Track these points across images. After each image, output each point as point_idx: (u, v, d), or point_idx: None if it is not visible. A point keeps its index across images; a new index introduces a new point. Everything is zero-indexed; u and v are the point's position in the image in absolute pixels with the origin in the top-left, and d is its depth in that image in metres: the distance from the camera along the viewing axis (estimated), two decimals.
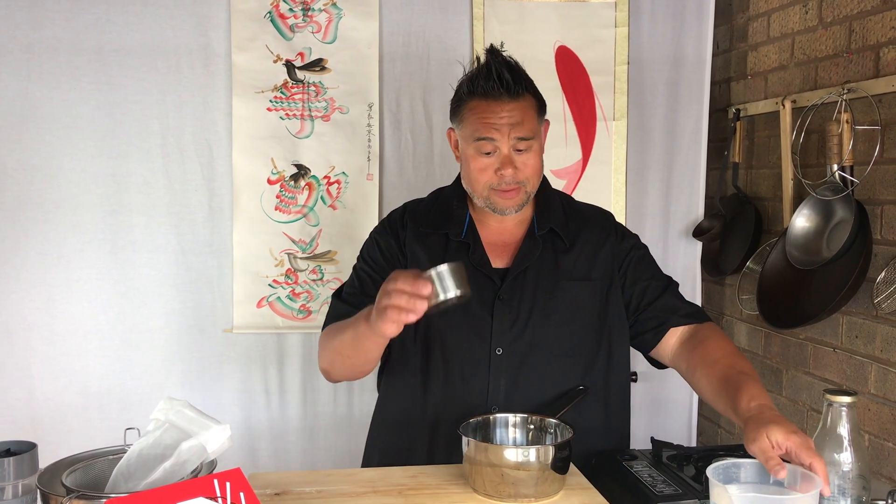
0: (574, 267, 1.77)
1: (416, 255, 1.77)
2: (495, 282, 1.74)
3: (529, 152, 1.69)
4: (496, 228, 1.80)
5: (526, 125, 1.68)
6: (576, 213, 1.85)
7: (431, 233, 1.79)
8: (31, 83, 2.50)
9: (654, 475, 1.70)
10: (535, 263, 1.75)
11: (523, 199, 1.73)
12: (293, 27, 2.61)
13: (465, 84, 1.73)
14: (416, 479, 1.54)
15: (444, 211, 1.81)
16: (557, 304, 1.75)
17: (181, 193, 2.61)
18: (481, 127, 1.67)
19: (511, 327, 1.73)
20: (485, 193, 1.72)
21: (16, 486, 1.25)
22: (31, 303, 2.55)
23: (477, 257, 1.75)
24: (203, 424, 1.26)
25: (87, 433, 2.54)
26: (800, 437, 1.29)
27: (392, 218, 1.86)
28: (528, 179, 1.71)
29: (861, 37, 2.20)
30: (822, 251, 2.24)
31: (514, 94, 1.68)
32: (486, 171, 1.69)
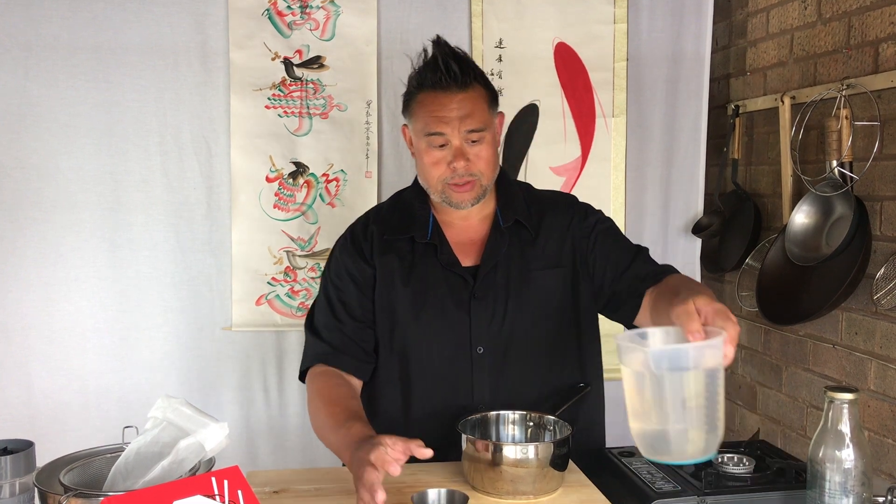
0: (543, 255, 1.75)
1: (387, 264, 1.74)
2: (468, 280, 1.72)
3: (482, 144, 1.67)
4: (461, 227, 1.77)
5: (476, 117, 1.66)
6: (538, 201, 1.82)
7: (397, 238, 1.76)
8: (28, 81, 2.50)
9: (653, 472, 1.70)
10: (504, 257, 1.74)
11: (479, 192, 1.70)
12: (291, 25, 2.60)
13: (414, 78, 1.70)
14: (415, 476, 1.53)
15: (407, 214, 1.79)
16: (531, 295, 1.73)
17: (179, 191, 2.60)
18: (431, 121, 1.65)
19: (489, 324, 1.71)
20: (439, 188, 1.69)
21: (13, 484, 1.25)
22: (30, 301, 2.54)
23: (445, 258, 1.73)
24: (201, 422, 1.26)
25: (86, 431, 2.54)
26: (720, 306, 1.24)
27: (355, 232, 1.81)
28: (482, 172, 1.68)
29: (860, 32, 2.20)
30: (821, 247, 2.24)
31: (462, 84, 1.65)
32: (438, 164, 1.67)
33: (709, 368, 1.16)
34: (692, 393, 1.15)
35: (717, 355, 1.16)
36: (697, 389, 1.15)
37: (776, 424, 2.59)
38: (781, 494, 1.59)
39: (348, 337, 1.74)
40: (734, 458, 1.72)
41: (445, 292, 1.72)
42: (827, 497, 1.35)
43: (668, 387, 1.15)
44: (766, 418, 2.64)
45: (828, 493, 1.35)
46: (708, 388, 1.16)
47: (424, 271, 1.73)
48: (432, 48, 1.69)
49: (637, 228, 2.83)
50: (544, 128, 2.74)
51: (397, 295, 1.73)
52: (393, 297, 1.74)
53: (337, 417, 1.59)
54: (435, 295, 1.72)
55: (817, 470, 1.36)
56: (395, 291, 1.74)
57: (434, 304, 1.72)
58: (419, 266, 1.74)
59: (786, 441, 2.53)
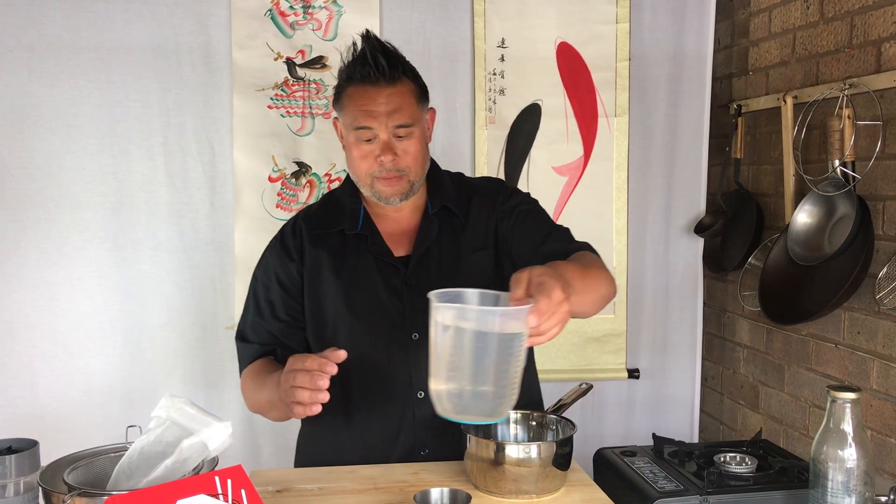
0: (472, 239, 1.75)
1: (317, 258, 1.74)
2: (400, 269, 1.72)
3: (410, 139, 1.66)
4: (394, 218, 1.77)
5: (405, 111, 1.65)
6: (467, 187, 1.82)
7: (327, 233, 1.75)
8: (31, 81, 2.50)
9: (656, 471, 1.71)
10: (435, 244, 1.73)
11: (406, 188, 1.69)
12: (293, 25, 2.60)
13: (343, 71, 1.70)
14: (418, 475, 1.54)
15: (337, 209, 1.78)
16: (464, 279, 1.69)
17: (182, 191, 2.61)
18: (359, 115, 1.64)
19: (424, 310, 1.70)
20: (368, 181, 1.69)
21: (17, 483, 1.25)
22: (33, 301, 2.55)
23: (377, 247, 1.72)
24: (204, 422, 1.26)
25: (90, 431, 2.54)
26: (546, 279, 1.21)
27: (284, 232, 1.80)
28: (409, 167, 1.67)
29: (862, 32, 2.20)
30: (823, 247, 2.24)
31: (391, 79, 1.65)
32: (366, 158, 1.66)
33: (509, 334, 1.19)
34: (490, 355, 1.19)
35: (520, 323, 1.19)
36: (498, 354, 1.19)
37: (778, 424, 2.59)
38: (784, 494, 1.59)
39: (275, 336, 1.74)
40: (737, 458, 1.73)
41: (378, 282, 1.71)
42: (829, 496, 1.35)
43: (467, 346, 1.19)
44: (769, 418, 2.64)
45: (830, 493, 1.35)
46: (506, 352, 1.19)
47: (356, 263, 1.73)
48: (361, 42, 1.68)
49: (639, 228, 2.84)
50: (546, 127, 2.74)
51: (329, 288, 1.72)
52: (323, 291, 1.73)
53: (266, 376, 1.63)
54: (368, 285, 1.71)
55: (820, 469, 1.36)
56: (325, 285, 1.73)
57: (367, 293, 1.71)
58: (350, 258, 1.73)
59: (788, 440, 2.53)
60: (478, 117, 2.71)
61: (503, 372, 1.21)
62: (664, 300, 2.88)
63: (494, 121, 2.72)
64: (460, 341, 1.20)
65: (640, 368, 2.87)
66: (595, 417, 2.86)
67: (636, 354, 2.88)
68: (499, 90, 2.72)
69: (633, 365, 2.86)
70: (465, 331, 1.19)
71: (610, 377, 2.82)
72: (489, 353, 1.19)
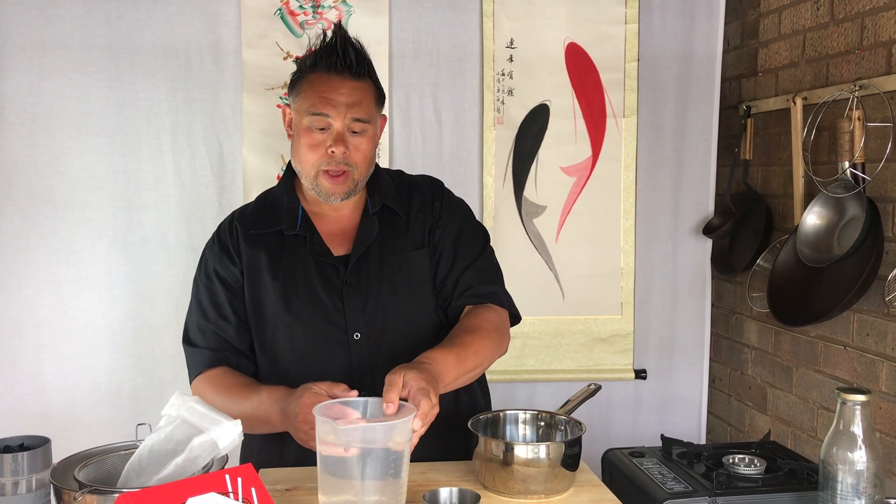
0: (412, 238, 1.75)
1: (254, 259, 1.72)
2: (339, 269, 1.71)
3: (363, 137, 1.66)
4: (333, 217, 1.76)
5: (364, 107, 1.65)
6: (408, 185, 1.81)
7: (264, 233, 1.74)
8: (42, 80, 2.51)
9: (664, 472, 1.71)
10: (376, 243, 1.72)
11: (351, 186, 1.68)
12: (303, 24, 2.61)
13: (308, 57, 1.69)
14: (426, 475, 1.54)
15: (274, 208, 1.77)
16: (404, 279, 1.72)
17: (191, 190, 2.61)
18: (318, 101, 1.63)
19: (363, 309, 1.69)
20: (312, 174, 1.67)
21: (29, 480, 1.25)
22: (42, 299, 2.56)
23: (316, 247, 1.71)
24: (214, 420, 1.27)
25: (98, 429, 2.54)
26: (424, 383, 1.37)
27: (221, 232, 1.79)
28: (358, 165, 1.67)
29: (873, 33, 2.19)
30: (833, 248, 2.23)
31: (356, 74, 1.65)
32: (317, 148, 1.65)
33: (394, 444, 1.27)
34: (377, 468, 1.26)
35: (406, 432, 1.29)
36: (384, 465, 1.26)
37: (786, 426, 2.58)
38: (793, 495, 1.59)
39: (225, 340, 1.72)
40: (745, 459, 1.72)
41: (317, 282, 1.70)
42: (839, 499, 1.35)
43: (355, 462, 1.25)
44: (777, 419, 2.63)
45: (840, 495, 1.35)
46: (393, 461, 1.27)
47: (294, 263, 1.71)
48: (332, 32, 1.68)
49: (648, 229, 2.83)
50: (555, 128, 2.74)
51: (267, 289, 1.71)
52: (262, 292, 1.72)
53: (244, 389, 1.62)
54: (306, 285, 1.70)
55: (829, 471, 1.36)
56: (263, 286, 1.71)
57: (306, 293, 1.70)
58: (288, 258, 1.72)
59: (796, 442, 2.53)
60: (486, 118, 2.71)
61: (392, 482, 1.28)
62: (672, 301, 2.88)
63: (503, 121, 2.72)
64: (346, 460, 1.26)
65: (648, 369, 2.87)
66: (602, 418, 2.85)
67: (643, 355, 2.87)
68: (507, 90, 2.72)
69: (640, 366, 2.86)
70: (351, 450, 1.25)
71: (617, 378, 2.82)
72: (376, 467, 1.26)
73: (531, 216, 2.75)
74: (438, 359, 1.50)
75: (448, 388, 1.52)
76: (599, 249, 2.79)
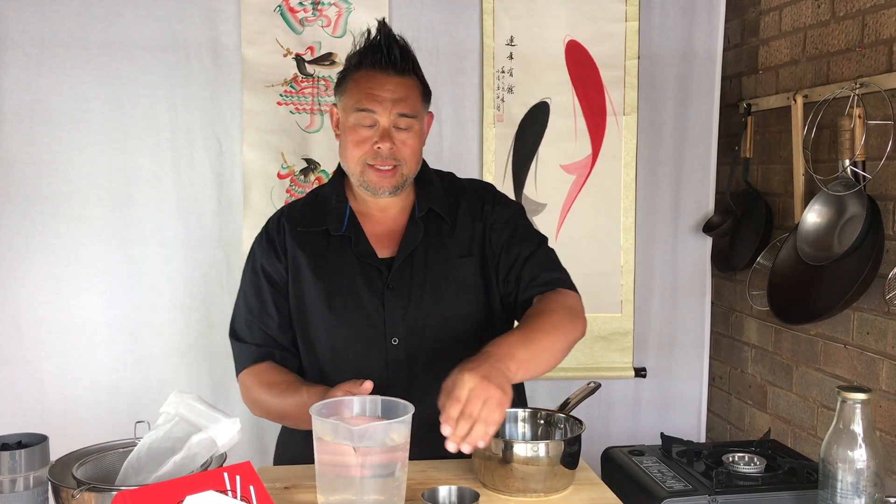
0: (459, 244, 1.73)
1: (299, 257, 1.73)
2: (383, 272, 1.70)
3: (409, 132, 1.66)
4: (380, 218, 1.75)
5: (409, 103, 1.65)
6: (456, 189, 1.80)
7: (310, 231, 1.74)
8: (40, 77, 2.50)
9: (664, 471, 1.70)
10: (421, 247, 1.71)
11: (399, 181, 1.68)
12: (303, 21, 2.60)
13: (354, 56, 1.69)
14: (425, 473, 1.53)
15: (323, 207, 1.76)
16: (448, 286, 1.71)
17: (190, 188, 2.61)
18: (364, 97, 1.64)
19: (404, 315, 1.69)
20: (359, 169, 1.67)
21: (27, 477, 1.25)
22: (41, 297, 2.55)
23: (361, 249, 1.71)
24: (213, 418, 1.26)
25: (97, 426, 2.54)
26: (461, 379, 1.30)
27: (269, 228, 1.79)
28: (405, 160, 1.66)
29: (874, 31, 2.19)
30: (833, 247, 2.23)
31: (400, 70, 1.65)
32: (363, 143, 1.65)
33: (392, 442, 1.27)
34: (376, 466, 1.25)
35: (403, 430, 1.28)
36: (382, 464, 1.26)
37: (787, 424, 2.58)
38: (792, 494, 1.59)
39: (270, 336, 1.73)
40: (745, 458, 1.72)
41: (360, 283, 1.69)
42: (839, 497, 1.34)
43: (353, 461, 1.24)
44: (777, 418, 2.63)
45: (840, 494, 1.34)
46: (392, 463, 1.27)
47: (338, 263, 1.71)
48: (377, 30, 1.68)
49: (647, 227, 2.83)
50: (555, 126, 2.74)
51: (310, 288, 1.71)
52: (305, 291, 1.72)
53: (287, 387, 1.63)
54: (349, 286, 1.70)
55: (829, 470, 1.36)
56: (307, 284, 1.72)
57: (348, 294, 1.70)
58: (332, 258, 1.72)
59: (796, 441, 2.53)
60: (486, 115, 2.71)
61: (391, 480, 1.27)
62: (672, 299, 2.88)
63: (503, 119, 2.72)
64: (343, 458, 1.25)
65: (647, 367, 2.86)
66: (601, 416, 2.85)
67: (643, 353, 2.87)
68: (507, 88, 2.72)
69: (639, 364, 2.85)
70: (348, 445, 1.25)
71: (616, 376, 2.82)
72: (374, 465, 1.25)
73: (531, 214, 2.74)
74: (499, 341, 1.44)
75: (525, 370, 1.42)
76: (599, 247, 2.78)
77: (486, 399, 1.27)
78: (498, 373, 1.33)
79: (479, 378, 1.29)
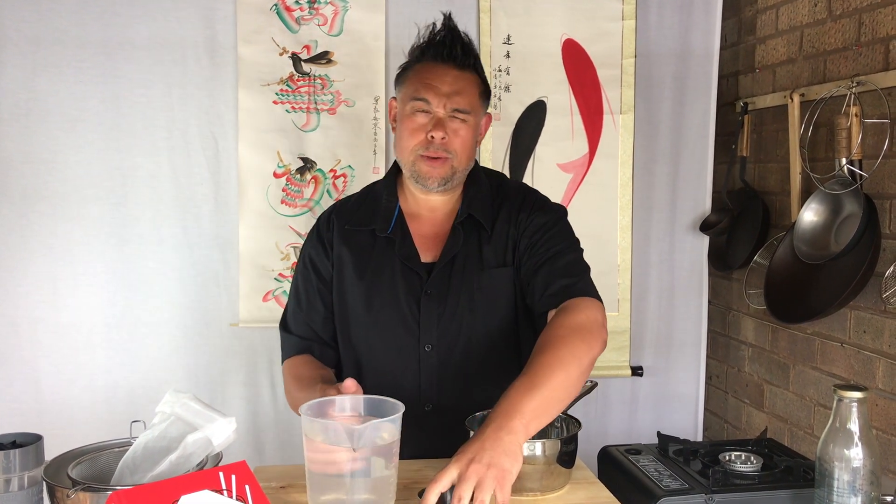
0: (494, 254, 1.72)
1: (342, 257, 1.73)
2: (421, 276, 1.70)
3: (463, 125, 1.66)
4: (428, 219, 1.75)
5: (465, 98, 1.65)
6: (501, 195, 1.78)
7: (358, 230, 1.74)
8: (36, 76, 2.50)
9: (661, 469, 1.70)
10: (461, 255, 1.71)
11: (448, 172, 1.66)
12: (299, 20, 2.60)
13: (416, 49, 1.71)
14: (421, 472, 1.53)
15: (373, 206, 1.76)
16: (482, 295, 1.70)
17: (187, 187, 2.61)
18: (421, 87, 1.64)
19: (438, 321, 1.69)
20: (411, 158, 1.66)
21: (21, 477, 1.25)
22: (37, 296, 2.55)
23: (405, 251, 1.70)
24: (208, 417, 1.26)
25: (94, 426, 2.54)
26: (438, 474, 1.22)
27: (320, 223, 1.80)
28: (457, 153, 1.66)
29: (871, 29, 2.19)
30: (830, 245, 2.23)
31: (461, 65, 1.66)
32: (417, 132, 1.65)
33: (382, 442, 1.27)
34: (366, 465, 1.26)
35: (393, 429, 1.29)
36: (372, 463, 1.26)
37: (783, 423, 2.58)
38: (789, 493, 1.59)
39: (313, 329, 1.76)
40: (742, 456, 1.72)
41: (400, 287, 1.70)
42: (835, 496, 1.34)
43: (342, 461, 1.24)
44: (774, 416, 2.63)
45: (836, 492, 1.34)
46: (382, 462, 1.27)
47: (381, 265, 1.71)
48: (441, 24, 1.69)
49: (644, 225, 2.83)
50: (552, 124, 2.74)
51: (352, 287, 1.72)
52: (347, 289, 1.73)
53: (308, 383, 1.62)
54: (389, 288, 1.70)
55: (826, 469, 1.36)
56: (349, 283, 1.73)
57: (387, 297, 1.70)
58: (376, 259, 1.72)
59: (793, 439, 2.53)
60: None
61: (381, 479, 1.28)
62: (669, 298, 2.88)
63: (500, 117, 2.71)
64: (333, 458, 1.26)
65: (644, 366, 2.86)
66: (598, 415, 2.85)
67: (640, 352, 2.87)
68: (504, 87, 2.71)
69: (636, 363, 2.85)
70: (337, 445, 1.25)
71: (613, 374, 2.82)
72: (364, 464, 1.26)
73: None
74: (506, 394, 1.35)
75: (538, 420, 1.34)
76: (596, 246, 2.78)
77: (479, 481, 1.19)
78: (494, 444, 1.24)
79: (466, 463, 1.22)
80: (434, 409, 1.68)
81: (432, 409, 1.68)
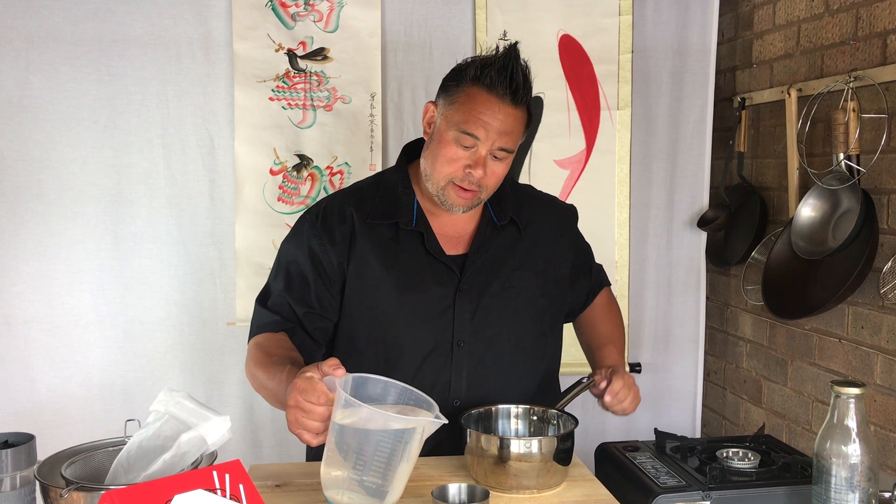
0: (528, 256, 1.75)
1: (364, 252, 1.69)
2: (454, 271, 1.69)
3: (502, 163, 1.65)
4: (448, 219, 1.74)
5: (513, 137, 1.63)
6: (527, 199, 1.81)
7: (380, 223, 1.71)
8: (30, 73, 2.49)
9: (658, 466, 1.70)
10: (490, 253, 1.72)
11: (475, 202, 1.67)
12: (295, 16, 2.59)
13: (474, 68, 1.64)
14: (418, 470, 1.53)
15: (391, 198, 1.73)
16: (515, 295, 1.72)
17: (182, 184, 2.60)
18: (472, 120, 1.59)
19: (472, 318, 1.69)
20: (442, 184, 1.64)
21: (14, 477, 1.24)
22: (32, 294, 2.54)
23: (432, 245, 1.70)
24: (203, 416, 1.26)
25: (89, 425, 2.54)
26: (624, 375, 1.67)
27: (329, 212, 1.73)
28: (488, 188, 1.66)
29: (868, 24, 2.18)
30: (827, 241, 2.22)
31: (517, 101, 1.62)
32: (455, 162, 1.62)
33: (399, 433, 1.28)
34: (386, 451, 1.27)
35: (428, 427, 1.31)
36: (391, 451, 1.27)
37: (781, 419, 2.58)
38: (787, 489, 1.58)
39: (298, 317, 1.68)
40: (739, 453, 1.71)
41: (431, 280, 1.68)
42: (833, 492, 1.34)
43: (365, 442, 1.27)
44: (772, 413, 2.63)
45: (834, 489, 1.34)
46: (401, 450, 1.28)
47: (409, 258, 1.69)
48: (506, 51, 1.63)
49: (642, 222, 2.82)
50: (548, 121, 2.73)
51: (379, 281, 1.68)
52: (370, 284, 1.68)
53: (274, 366, 1.54)
54: (421, 281, 1.68)
55: (823, 465, 1.35)
56: (374, 276, 1.68)
57: (420, 290, 1.68)
58: (402, 252, 1.69)
59: (791, 436, 2.52)
60: None
61: (395, 468, 1.29)
62: (666, 294, 2.87)
63: None
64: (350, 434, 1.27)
65: (642, 363, 2.86)
66: (596, 412, 2.81)
67: (638, 348, 2.87)
68: None
69: (634, 359, 2.85)
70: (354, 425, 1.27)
71: None
72: (384, 450, 1.27)
73: None
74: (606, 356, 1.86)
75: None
76: (593, 243, 2.73)
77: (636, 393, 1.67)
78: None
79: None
80: (462, 405, 1.67)
81: (461, 405, 1.67)
